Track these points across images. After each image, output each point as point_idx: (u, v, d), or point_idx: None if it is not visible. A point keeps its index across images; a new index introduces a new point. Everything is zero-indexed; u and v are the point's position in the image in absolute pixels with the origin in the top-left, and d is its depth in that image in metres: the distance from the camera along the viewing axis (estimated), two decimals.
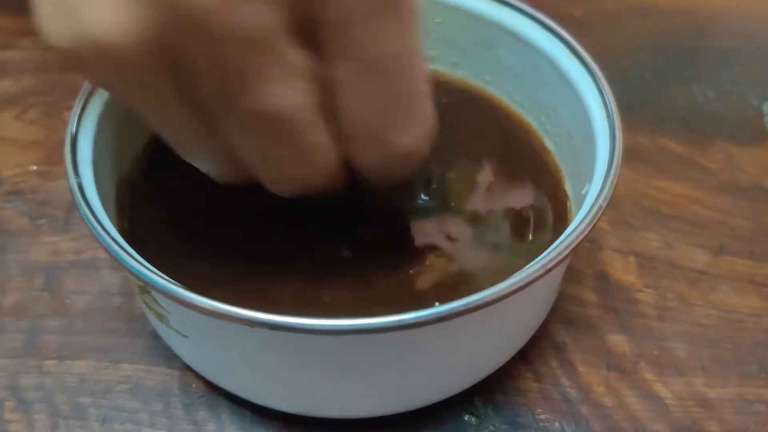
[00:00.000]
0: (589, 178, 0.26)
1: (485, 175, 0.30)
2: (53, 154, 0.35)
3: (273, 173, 0.23)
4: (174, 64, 0.20)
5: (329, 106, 0.21)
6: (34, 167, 0.35)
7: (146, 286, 0.23)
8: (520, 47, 0.30)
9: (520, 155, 0.31)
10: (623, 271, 0.32)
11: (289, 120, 0.21)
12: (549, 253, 0.23)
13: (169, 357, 0.28)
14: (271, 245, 0.27)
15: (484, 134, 0.32)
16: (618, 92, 0.28)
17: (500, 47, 0.31)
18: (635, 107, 0.38)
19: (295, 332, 0.21)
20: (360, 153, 0.23)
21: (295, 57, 0.21)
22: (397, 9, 0.21)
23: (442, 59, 0.33)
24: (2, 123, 0.36)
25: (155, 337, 0.29)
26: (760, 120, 0.38)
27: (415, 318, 0.21)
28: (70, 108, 0.36)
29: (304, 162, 0.22)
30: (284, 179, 0.23)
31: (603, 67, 0.28)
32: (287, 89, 0.20)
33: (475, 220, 0.28)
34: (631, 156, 0.35)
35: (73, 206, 0.33)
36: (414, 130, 0.23)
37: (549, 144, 0.31)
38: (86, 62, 0.21)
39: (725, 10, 0.43)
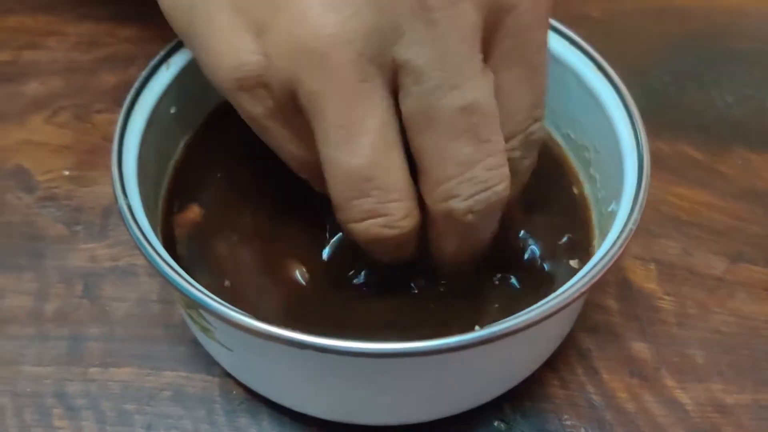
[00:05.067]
0: (616, 197, 0.27)
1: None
2: (85, 158, 0.36)
3: (470, 184, 0.24)
4: (383, 68, 0.22)
5: None
6: (67, 172, 0.35)
7: (197, 306, 0.24)
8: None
9: (546, 168, 0.32)
10: (644, 278, 0.33)
11: (491, 114, 0.23)
12: (585, 274, 0.24)
13: (209, 364, 0.30)
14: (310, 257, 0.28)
15: None
16: (637, 96, 0.29)
17: None
18: (654, 112, 0.38)
19: (344, 355, 0.22)
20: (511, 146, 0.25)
21: (484, 64, 0.24)
22: (546, 22, 0.25)
23: None
24: (32, 126, 0.37)
25: (194, 344, 0.30)
26: None
27: (458, 342, 0.22)
28: (99, 111, 0.38)
29: (496, 163, 0.24)
30: (479, 188, 0.24)
31: (621, 71, 0.29)
32: (489, 87, 0.23)
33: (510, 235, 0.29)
34: (652, 162, 0.36)
35: (108, 213, 0.34)
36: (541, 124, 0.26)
37: (572, 157, 0.32)
38: (283, 78, 0.23)
39: (744, 11, 0.43)
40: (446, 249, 0.26)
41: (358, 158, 0.23)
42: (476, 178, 0.23)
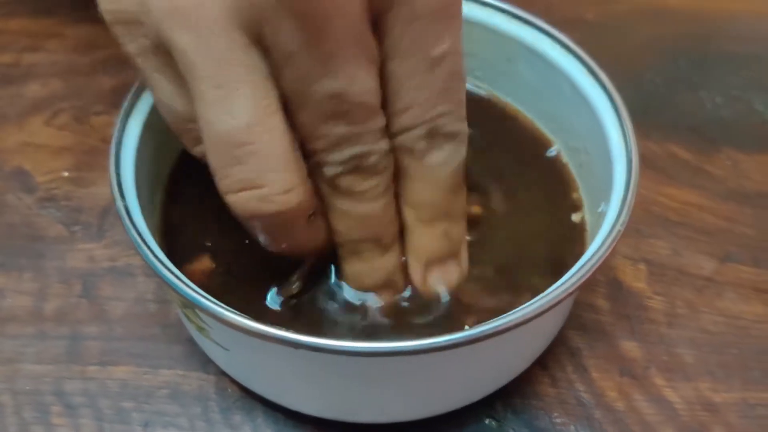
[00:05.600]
0: (606, 197, 0.28)
1: (503, 187, 0.31)
2: (84, 159, 0.36)
3: (341, 154, 0.24)
4: (255, 41, 0.22)
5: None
6: (66, 173, 0.36)
7: (193, 306, 0.24)
8: (540, 64, 0.32)
9: (538, 167, 0.32)
10: (634, 278, 0.33)
11: (359, 103, 0.23)
12: (574, 274, 0.25)
13: (205, 362, 0.30)
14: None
15: (503, 144, 0.33)
16: (628, 97, 0.29)
17: (521, 63, 0.32)
18: (645, 113, 0.39)
19: (337, 354, 0.23)
20: (408, 139, 0.25)
21: (372, 45, 0.23)
22: (454, 14, 0.24)
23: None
24: (33, 128, 0.38)
25: (190, 343, 0.30)
26: (765, 127, 0.39)
27: (448, 341, 0.23)
28: (98, 113, 0.38)
29: (374, 140, 0.24)
30: (352, 158, 0.24)
31: (614, 73, 0.30)
32: (367, 74, 0.23)
33: (497, 233, 0.29)
34: (642, 162, 0.36)
35: (105, 213, 0.34)
36: (457, 115, 0.25)
37: (566, 156, 0.32)
38: (157, 26, 0.22)
39: (734, 14, 0.44)
40: (336, 227, 0.26)
41: (233, 120, 0.22)
42: (348, 151, 0.24)
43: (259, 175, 0.23)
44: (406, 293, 0.27)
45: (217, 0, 0.22)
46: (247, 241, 0.29)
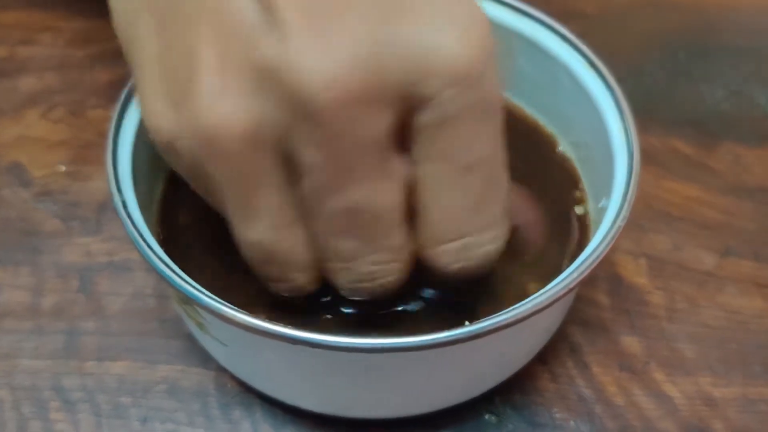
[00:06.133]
0: (607, 192, 0.28)
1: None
2: (80, 153, 0.36)
3: (352, 274, 0.24)
4: (279, 156, 0.22)
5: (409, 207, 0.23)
6: (63, 167, 0.36)
7: (191, 302, 0.24)
8: (539, 57, 0.31)
9: (540, 161, 0.32)
10: (635, 273, 0.33)
11: (382, 219, 0.22)
12: (574, 270, 0.24)
13: (204, 358, 0.30)
14: None
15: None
16: (629, 92, 0.29)
17: (519, 55, 0.32)
18: (646, 107, 0.39)
19: (335, 350, 0.23)
20: (438, 254, 0.24)
21: (396, 162, 0.22)
22: (490, 113, 0.22)
23: None
24: (28, 122, 0.37)
25: (189, 338, 0.30)
26: (767, 121, 0.39)
27: (448, 337, 0.23)
28: (94, 107, 0.38)
29: (387, 260, 0.23)
30: (363, 279, 0.24)
31: (614, 66, 0.30)
32: (385, 191, 0.22)
33: None
34: (643, 157, 0.36)
35: (103, 208, 0.34)
36: (494, 232, 0.24)
37: (567, 151, 0.32)
38: (189, 153, 0.22)
39: (735, 6, 0.44)
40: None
41: (258, 236, 0.23)
42: (356, 270, 0.23)
43: (285, 275, 0.25)
44: None
45: (244, 117, 0.21)
46: None
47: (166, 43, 0.23)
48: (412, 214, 0.23)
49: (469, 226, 0.23)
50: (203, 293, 0.24)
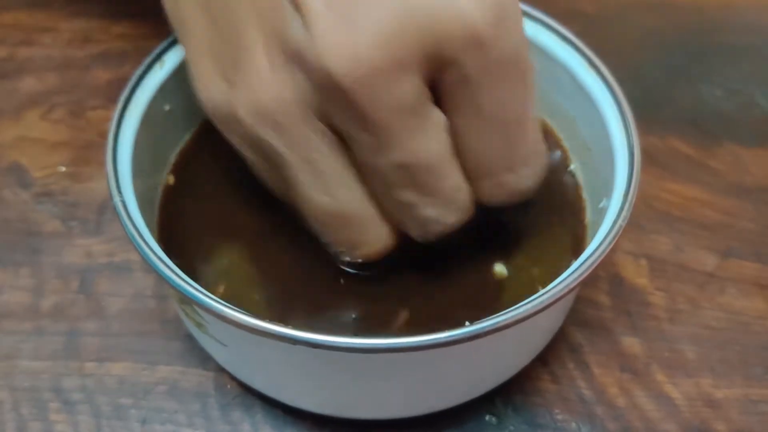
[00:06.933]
0: (607, 193, 0.28)
1: None
2: (81, 154, 0.36)
3: (418, 220, 0.25)
4: (327, 124, 0.23)
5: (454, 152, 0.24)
6: (63, 168, 0.36)
7: (191, 302, 0.24)
8: (539, 57, 0.31)
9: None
10: (635, 273, 0.33)
11: (433, 167, 0.23)
12: (575, 270, 0.24)
13: (204, 359, 0.30)
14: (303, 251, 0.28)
15: None
16: (629, 92, 0.29)
17: None
18: (646, 107, 0.38)
19: (335, 350, 0.23)
20: (483, 192, 0.25)
21: (434, 113, 0.23)
22: (511, 70, 0.23)
23: None
24: (28, 123, 0.37)
25: (189, 339, 0.30)
26: (767, 121, 0.39)
27: (448, 337, 0.23)
28: (94, 107, 0.38)
29: (446, 202, 0.24)
30: (429, 222, 0.25)
31: (614, 66, 0.30)
32: (430, 141, 0.23)
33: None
34: (643, 158, 0.36)
35: (103, 209, 0.34)
36: (530, 170, 0.25)
37: (567, 152, 0.32)
38: (249, 123, 0.24)
39: (734, 6, 0.44)
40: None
41: (325, 197, 0.24)
42: (421, 215, 0.25)
43: (361, 235, 0.25)
44: None
45: (291, 92, 0.23)
46: (246, 237, 0.29)
47: (211, 25, 0.25)
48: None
49: (500, 167, 0.25)
50: (203, 293, 0.23)
